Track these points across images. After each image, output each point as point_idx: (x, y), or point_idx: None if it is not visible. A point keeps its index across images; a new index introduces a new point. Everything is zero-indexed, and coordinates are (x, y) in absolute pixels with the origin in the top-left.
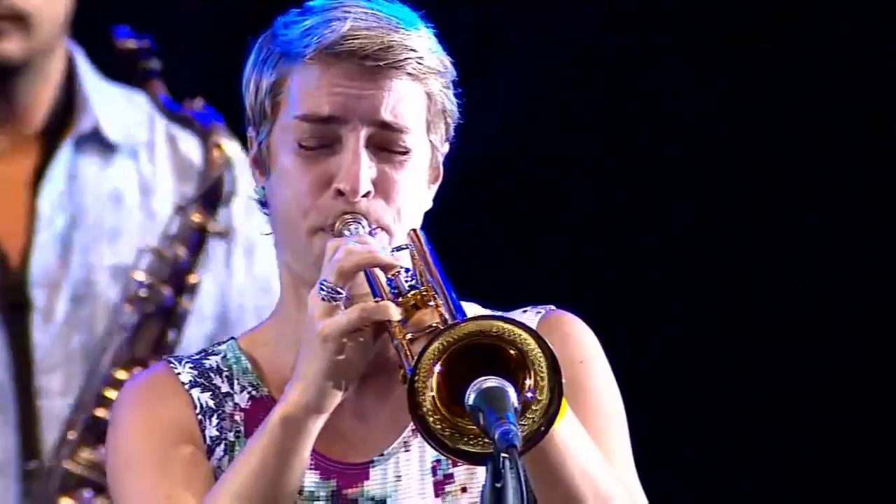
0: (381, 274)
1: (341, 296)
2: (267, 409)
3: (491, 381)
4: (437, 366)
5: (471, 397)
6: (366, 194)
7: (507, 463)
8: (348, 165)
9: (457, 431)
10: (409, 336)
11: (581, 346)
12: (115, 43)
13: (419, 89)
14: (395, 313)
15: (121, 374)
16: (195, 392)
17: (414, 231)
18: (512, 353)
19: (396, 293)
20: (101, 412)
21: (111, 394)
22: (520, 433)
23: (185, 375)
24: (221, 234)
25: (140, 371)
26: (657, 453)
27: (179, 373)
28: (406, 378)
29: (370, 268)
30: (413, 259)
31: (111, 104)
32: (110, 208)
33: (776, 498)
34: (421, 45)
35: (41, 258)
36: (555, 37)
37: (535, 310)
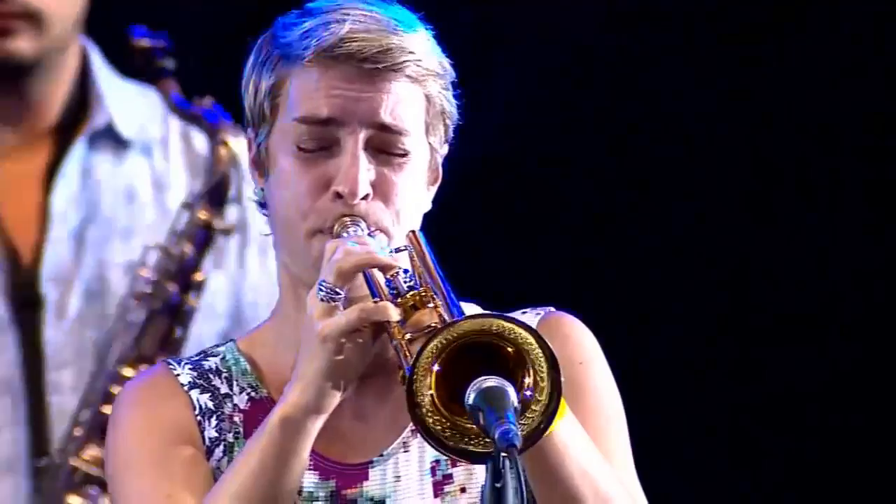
0: (379, 275)
1: (340, 296)
2: (266, 410)
3: (491, 381)
4: (435, 365)
5: (470, 397)
6: (364, 197)
7: (507, 462)
8: (347, 168)
9: (456, 431)
10: (407, 336)
11: (581, 347)
12: (131, 41)
13: (418, 91)
14: (394, 314)
15: (127, 372)
16: (194, 393)
17: (413, 233)
18: (510, 351)
19: (395, 294)
20: (107, 409)
21: (117, 391)
22: (520, 432)
23: (184, 377)
24: (227, 232)
25: (144, 369)
26: (657, 453)
27: (178, 374)
28: (405, 378)
29: (369, 268)
30: (412, 260)
31: (125, 100)
32: (123, 205)
33: (776, 498)
34: (420, 47)
35: (53, 255)
36: (555, 37)
37: (534, 311)
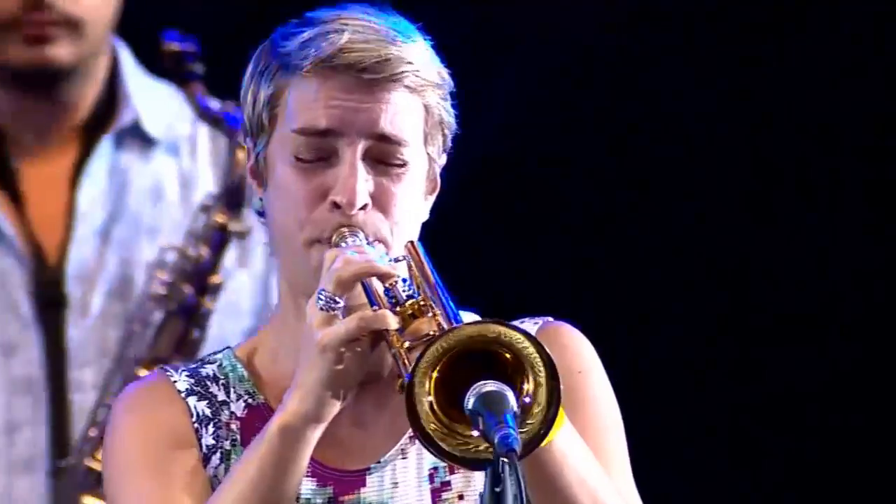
0: (377, 284)
1: (340, 305)
2: (263, 416)
3: (490, 386)
4: (434, 371)
5: (470, 402)
6: (363, 207)
7: (507, 467)
8: (345, 178)
9: (455, 437)
10: (406, 345)
11: (579, 356)
12: (161, 45)
13: (417, 102)
14: (393, 322)
15: (143, 373)
16: (191, 400)
17: (411, 243)
18: (509, 357)
19: (394, 303)
20: None
21: None
22: (519, 438)
23: (181, 383)
24: (242, 235)
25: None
26: (657, 453)
27: (176, 381)
28: (403, 386)
29: (368, 277)
30: (410, 270)
31: (153, 99)
32: (150, 203)
33: (776, 498)
34: (418, 57)
35: (78, 253)
36: (555, 37)
37: (532, 320)
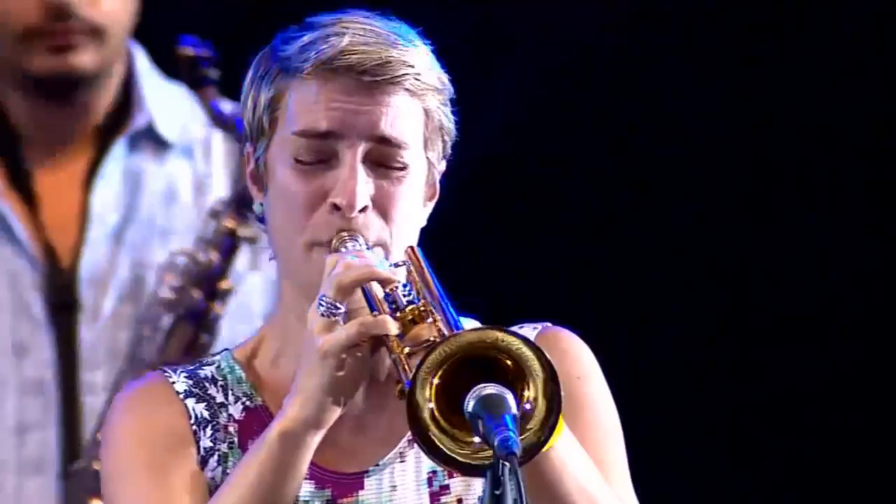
0: (377, 289)
1: (341, 311)
2: (261, 419)
3: (490, 388)
4: (435, 377)
5: (470, 404)
6: (363, 209)
7: (507, 470)
8: (345, 180)
9: (456, 443)
10: (406, 350)
11: (578, 362)
12: (176, 49)
13: (417, 105)
14: (393, 327)
15: None
16: (190, 402)
17: (411, 248)
18: (509, 364)
19: (394, 308)
20: None
21: None
22: (519, 441)
23: (179, 385)
24: (251, 240)
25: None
26: (657, 453)
27: (174, 382)
28: (404, 392)
29: (369, 282)
30: (410, 275)
31: (167, 102)
32: (163, 206)
33: (776, 498)
34: (419, 61)
35: (91, 255)
36: (555, 37)
37: (531, 326)
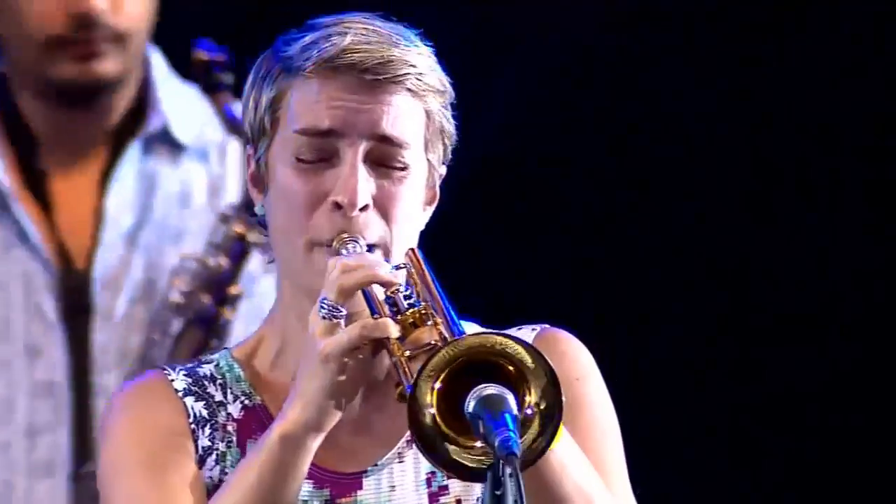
0: (378, 291)
1: (342, 314)
2: (260, 418)
3: (491, 389)
4: (437, 382)
5: (470, 405)
6: (363, 208)
7: (507, 470)
8: (346, 178)
9: (457, 447)
10: (407, 353)
11: (577, 363)
12: (192, 54)
13: (418, 106)
14: (394, 330)
15: None
16: (189, 401)
17: (412, 250)
18: (511, 369)
19: (395, 311)
20: None
21: None
22: (520, 443)
23: (179, 383)
24: (261, 245)
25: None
26: (657, 453)
27: (173, 380)
28: (404, 395)
29: (371, 285)
30: (411, 278)
31: (183, 105)
32: (177, 208)
33: (776, 498)
34: (421, 62)
35: (105, 258)
36: (555, 37)
37: (529, 327)
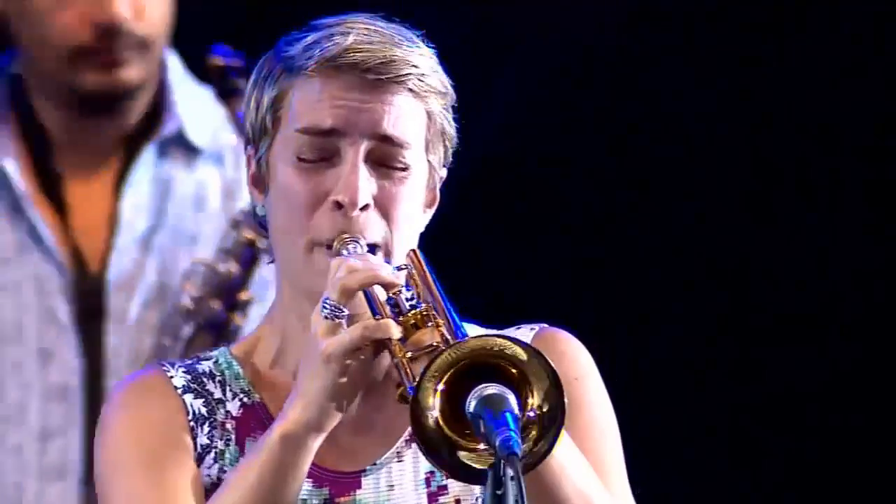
0: (379, 292)
1: (344, 314)
2: (259, 416)
3: (491, 388)
4: (440, 384)
5: (471, 404)
6: (364, 207)
7: (508, 470)
8: (347, 177)
9: (460, 450)
10: (409, 355)
11: (576, 363)
12: (207, 59)
13: (420, 107)
14: (396, 331)
15: None
16: (188, 398)
17: (413, 251)
18: (513, 371)
19: (397, 312)
20: None
21: None
22: (521, 442)
23: (178, 379)
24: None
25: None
26: (657, 453)
27: (172, 376)
28: (404, 396)
29: (373, 286)
30: (412, 279)
31: (198, 108)
32: (192, 212)
33: (776, 498)
34: (423, 63)
35: (119, 262)
36: (555, 37)
37: (528, 326)
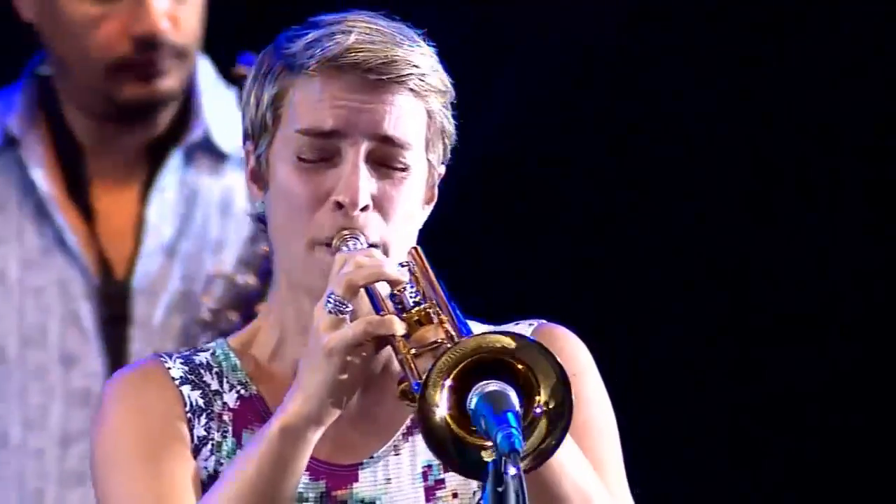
0: (382, 289)
1: (349, 309)
2: (256, 409)
3: (492, 385)
4: (447, 380)
5: (472, 401)
6: (364, 208)
7: (510, 467)
8: (347, 177)
9: (467, 446)
10: (413, 351)
11: (575, 359)
12: (234, 68)
13: (420, 106)
14: (400, 328)
15: None
16: (185, 389)
17: (415, 249)
18: (520, 368)
19: (400, 308)
20: None
21: None
22: (529, 445)
23: (175, 371)
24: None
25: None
26: (657, 453)
27: (170, 367)
28: (405, 392)
29: (378, 282)
30: (414, 276)
31: (226, 113)
32: (218, 218)
33: (776, 498)
34: (424, 62)
35: (144, 268)
36: (554, 37)
37: (527, 322)
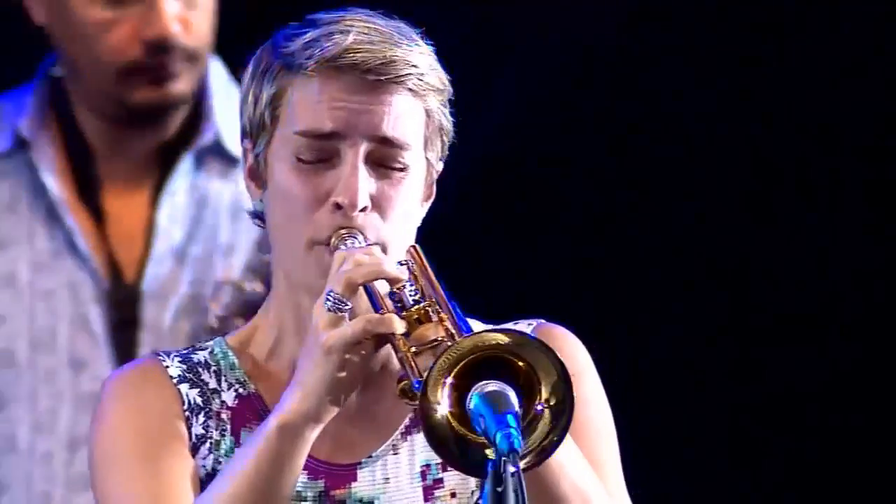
0: (381, 287)
1: (348, 307)
2: (254, 407)
3: (491, 385)
4: (448, 378)
5: (472, 402)
6: (363, 209)
7: (509, 467)
8: (347, 178)
9: (469, 444)
10: (412, 349)
11: (573, 359)
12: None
13: (419, 106)
14: (400, 326)
15: None
16: (183, 388)
17: (414, 247)
18: (521, 366)
19: (400, 307)
20: None
21: None
22: (521, 439)
23: (173, 369)
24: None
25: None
26: (657, 453)
27: (168, 366)
28: (405, 391)
29: (378, 280)
30: (413, 275)
31: (236, 116)
32: (228, 221)
33: (776, 498)
34: (422, 61)
35: (154, 272)
36: (554, 37)
37: (526, 322)
